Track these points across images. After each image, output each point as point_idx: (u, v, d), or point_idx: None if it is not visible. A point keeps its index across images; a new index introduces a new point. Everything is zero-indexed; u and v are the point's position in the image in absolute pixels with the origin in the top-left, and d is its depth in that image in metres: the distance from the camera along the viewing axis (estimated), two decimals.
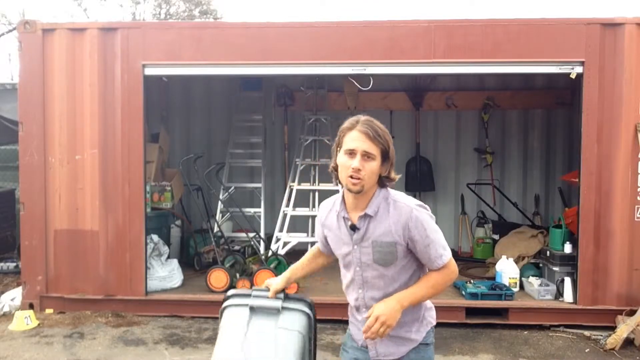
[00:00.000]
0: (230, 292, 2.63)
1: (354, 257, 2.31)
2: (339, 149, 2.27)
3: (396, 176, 2.29)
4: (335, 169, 2.29)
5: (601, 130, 5.39)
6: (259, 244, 7.09)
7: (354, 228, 2.28)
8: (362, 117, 2.24)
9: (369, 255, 2.27)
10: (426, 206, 2.29)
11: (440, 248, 2.25)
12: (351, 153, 2.19)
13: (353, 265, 2.32)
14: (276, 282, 2.54)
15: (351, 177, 2.18)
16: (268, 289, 2.52)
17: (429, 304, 2.41)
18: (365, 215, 2.26)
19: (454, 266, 2.30)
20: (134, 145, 5.72)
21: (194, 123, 8.72)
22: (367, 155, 2.18)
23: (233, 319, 2.45)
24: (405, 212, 2.22)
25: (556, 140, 8.35)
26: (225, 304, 2.56)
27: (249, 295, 2.52)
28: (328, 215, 2.42)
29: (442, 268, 2.27)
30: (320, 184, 7.56)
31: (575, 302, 5.56)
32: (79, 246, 5.80)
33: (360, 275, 2.31)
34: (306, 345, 2.39)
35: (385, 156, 2.22)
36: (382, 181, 2.27)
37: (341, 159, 2.23)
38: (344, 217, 2.32)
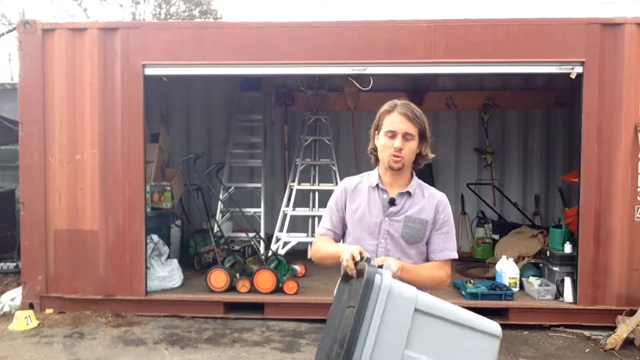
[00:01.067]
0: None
1: (382, 228, 2.40)
2: (377, 131, 2.43)
3: (432, 155, 2.47)
4: (374, 149, 2.46)
5: (601, 130, 5.39)
6: (259, 244, 7.09)
7: (392, 202, 2.41)
8: (399, 101, 2.41)
9: (399, 230, 2.38)
10: None
11: (452, 242, 2.42)
12: (392, 134, 2.35)
13: (378, 236, 2.40)
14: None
15: (394, 155, 2.35)
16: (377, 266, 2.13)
17: None
18: (406, 193, 2.43)
19: (449, 272, 2.44)
20: (134, 145, 5.72)
21: (194, 123, 8.72)
22: (407, 136, 2.35)
23: None
24: (439, 196, 2.45)
25: (556, 140, 8.35)
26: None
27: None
28: (357, 187, 2.50)
29: (444, 264, 2.39)
30: (320, 184, 7.57)
31: (575, 302, 5.56)
32: (79, 246, 5.80)
33: (384, 247, 2.38)
34: None
35: (422, 136, 2.40)
36: (418, 160, 2.44)
37: (382, 140, 2.39)
38: (381, 189, 2.44)
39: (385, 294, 1.82)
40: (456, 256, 2.42)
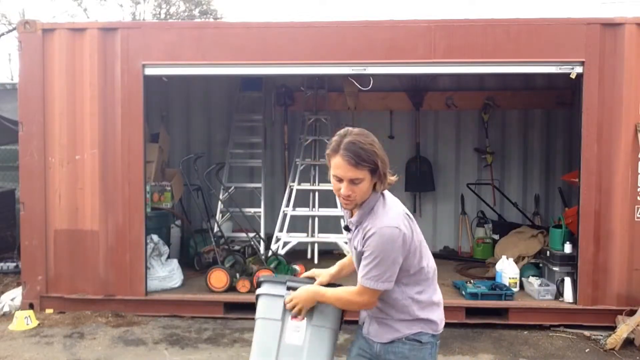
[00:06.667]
0: (264, 277, 2.62)
1: (351, 248, 2.49)
2: (328, 170, 2.34)
3: (393, 178, 2.34)
4: None
5: (601, 130, 5.39)
6: (259, 244, 7.09)
7: (347, 229, 2.45)
8: (347, 138, 2.25)
9: (352, 258, 2.50)
10: (399, 226, 2.26)
11: (371, 270, 2.27)
12: (339, 179, 2.26)
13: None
14: (322, 276, 2.59)
15: (343, 199, 2.29)
16: (306, 279, 2.61)
17: (432, 315, 2.44)
18: (353, 222, 2.40)
19: (368, 297, 2.33)
20: (134, 145, 5.72)
21: (194, 123, 8.71)
22: (354, 181, 2.23)
23: (269, 311, 2.52)
24: (372, 230, 2.27)
25: (556, 140, 8.34)
26: (259, 291, 2.57)
27: (284, 283, 2.54)
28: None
29: (363, 290, 2.33)
30: (320, 184, 7.56)
31: (575, 302, 5.56)
32: (79, 246, 5.80)
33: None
34: (335, 338, 2.53)
35: (374, 172, 2.25)
36: (376, 188, 2.32)
37: (332, 180, 2.31)
38: (344, 217, 2.52)
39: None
40: (368, 285, 2.29)
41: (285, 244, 7.16)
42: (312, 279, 2.60)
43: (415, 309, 2.40)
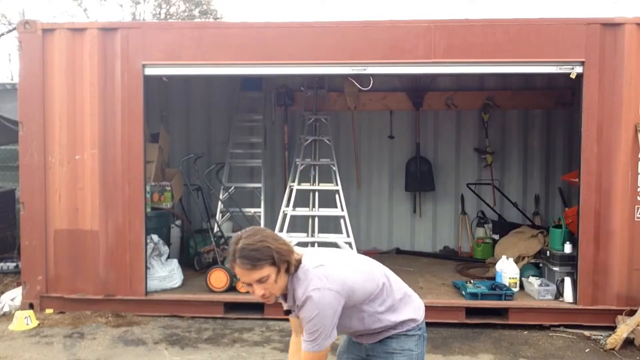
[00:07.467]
0: None
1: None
2: None
3: (298, 256, 2.36)
4: None
5: (601, 130, 5.39)
6: None
7: (288, 312, 2.50)
8: (238, 245, 2.31)
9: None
10: (317, 287, 2.30)
11: (310, 334, 2.32)
12: (248, 284, 2.33)
13: None
14: None
15: (261, 298, 2.35)
16: None
17: (408, 309, 2.53)
18: (290, 306, 2.44)
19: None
20: (134, 145, 5.72)
21: (194, 123, 8.71)
22: (260, 280, 2.29)
23: None
24: (304, 297, 2.31)
25: (556, 140, 8.34)
26: None
27: None
28: None
29: (306, 355, 2.37)
30: (320, 184, 7.56)
31: (575, 302, 5.56)
32: (79, 246, 5.80)
33: None
34: None
35: (275, 263, 2.28)
36: (289, 270, 2.34)
37: (245, 285, 2.38)
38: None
39: None
40: (311, 350, 2.34)
41: None
42: None
43: (390, 317, 2.50)
